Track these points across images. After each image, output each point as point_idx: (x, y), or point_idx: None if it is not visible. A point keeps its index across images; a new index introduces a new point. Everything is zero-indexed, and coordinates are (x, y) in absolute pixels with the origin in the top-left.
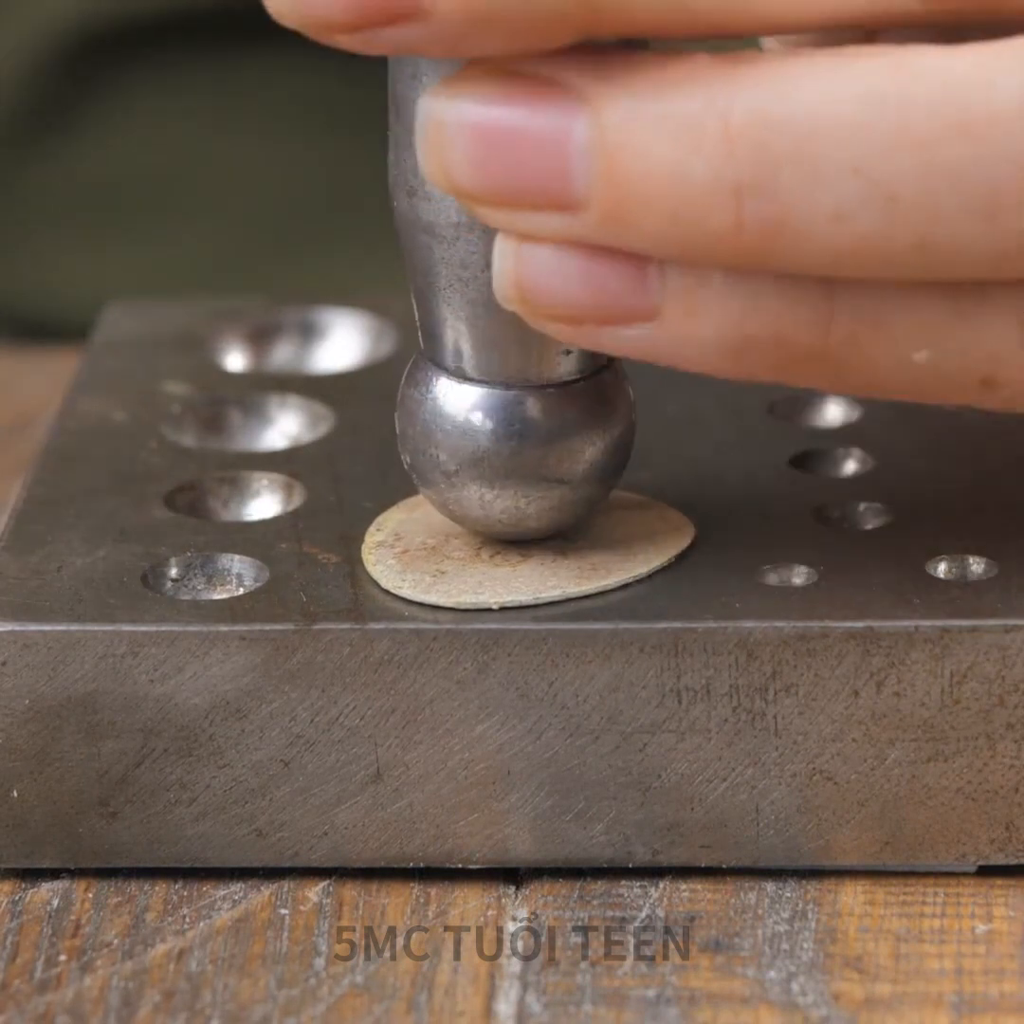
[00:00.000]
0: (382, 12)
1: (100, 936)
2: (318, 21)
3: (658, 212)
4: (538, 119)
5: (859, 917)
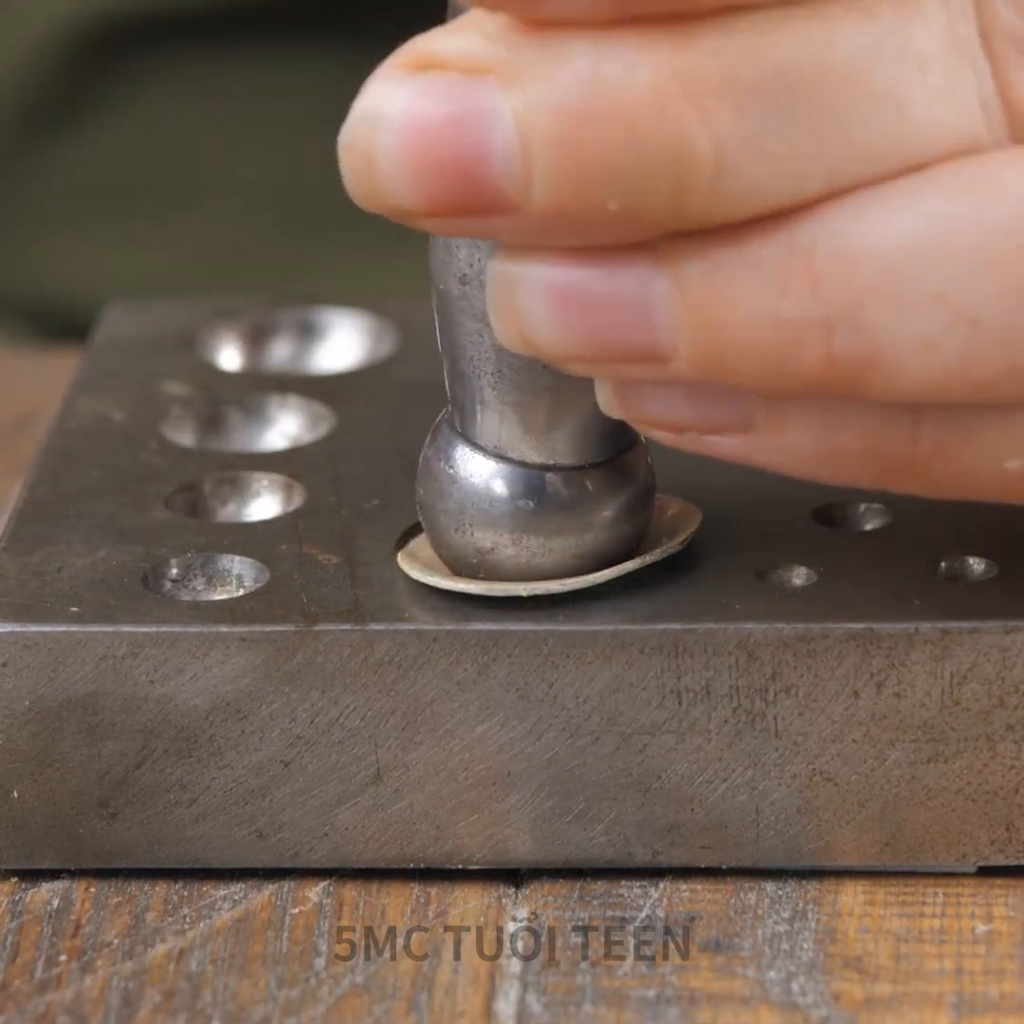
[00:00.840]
0: (463, 205)
1: (100, 936)
2: (392, 209)
3: (749, 356)
4: (617, 278)
5: (859, 917)
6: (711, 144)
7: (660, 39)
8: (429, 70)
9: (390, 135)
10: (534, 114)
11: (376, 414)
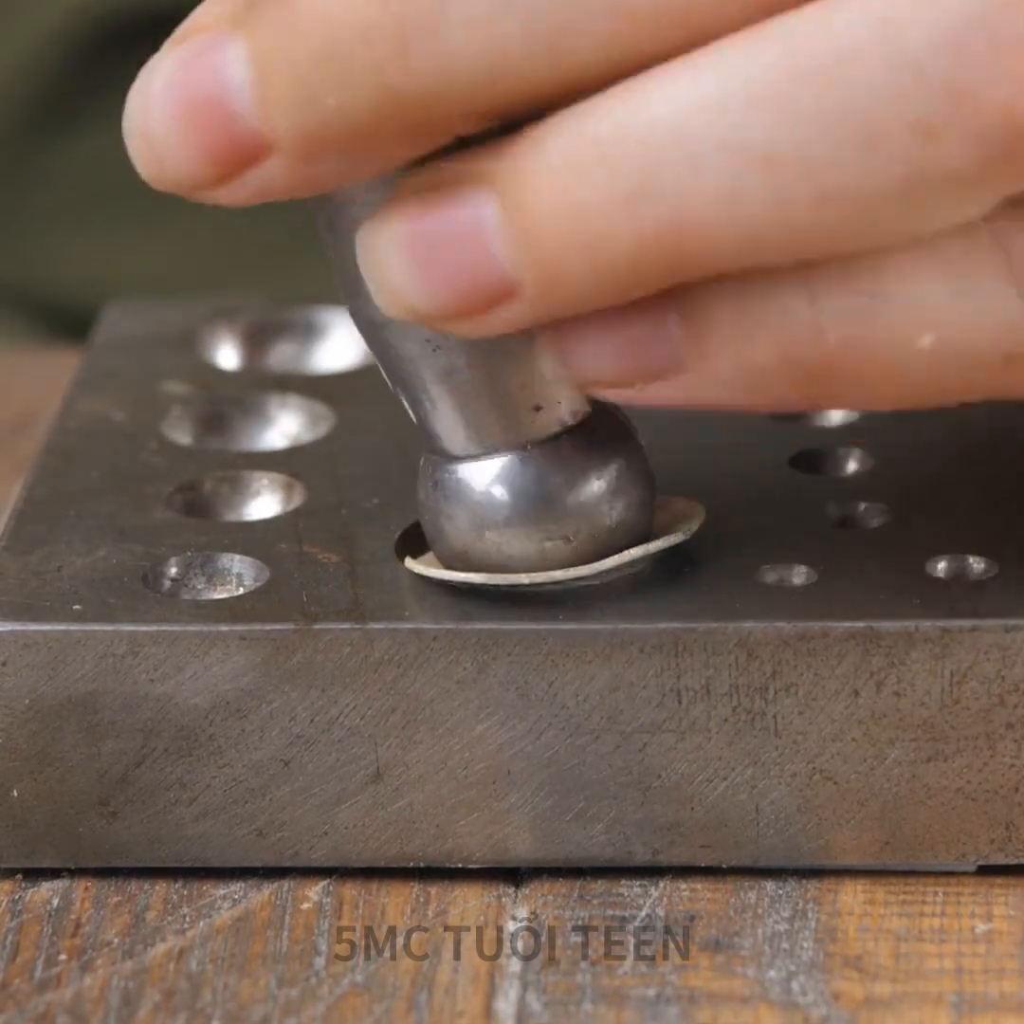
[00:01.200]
0: (228, 154)
1: (100, 935)
2: (181, 182)
3: (572, 259)
4: (450, 215)
5: (859, 916)
6: (389, 16)
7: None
8: (185, 39)
9: (155, 107)
10: (253, 41)
11: (376, 413)
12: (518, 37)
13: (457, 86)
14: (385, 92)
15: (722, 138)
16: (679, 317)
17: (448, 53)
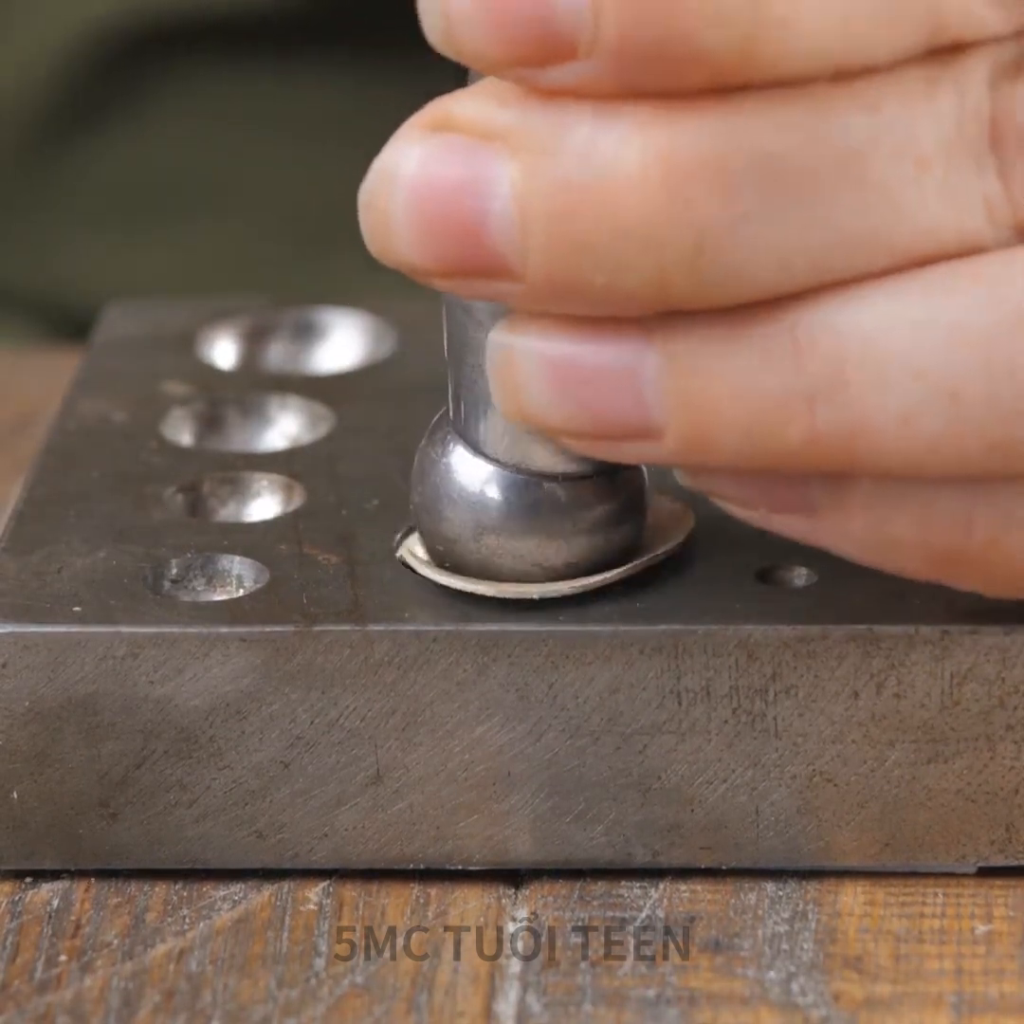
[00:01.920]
0: (466, 268)
1: (100, 936)
2: (404, 266)
3: (734, 432)
4: (608, 353)
5: (859, 917)
6: (691, 229)
7: (655, 116)
8: (444, 131)
9: (402, 194)
10: (531, 184)
11: (376, 414)
12: (797, 264)
13: (731, 301)
14: (658, 291)
15: (916, 368)
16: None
17: (734, 275)
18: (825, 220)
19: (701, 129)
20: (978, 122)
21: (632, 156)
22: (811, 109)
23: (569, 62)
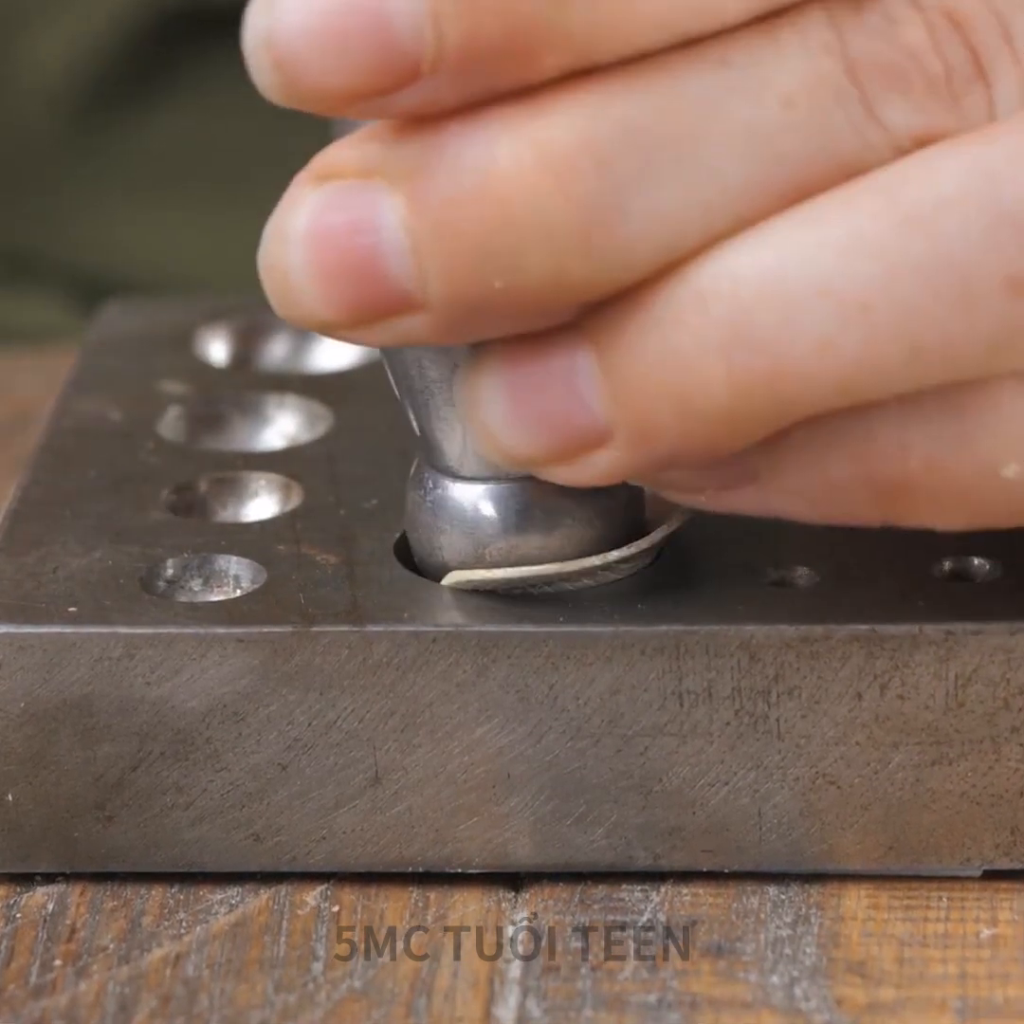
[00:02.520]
0: (371, 309)
1: (96, 941)
2: (314, 323)
3: (667, 403)
4: (548, 363)
5: (862, 921)
6: (575, 210)
7: (517, 113)
8: (328, 180)
9: (295, 249)
10: (415, 208)
11: (375, 413)
12: (688, 223)
13: (631, 275)
14: (558, 281)
15: (820, 287)
16: None
17: (628, 247)
18: (702, 176)
19: (564, 113)
20: (830, 58)
21: (503, 152)
22: (662, 75)
23: (415, 83)
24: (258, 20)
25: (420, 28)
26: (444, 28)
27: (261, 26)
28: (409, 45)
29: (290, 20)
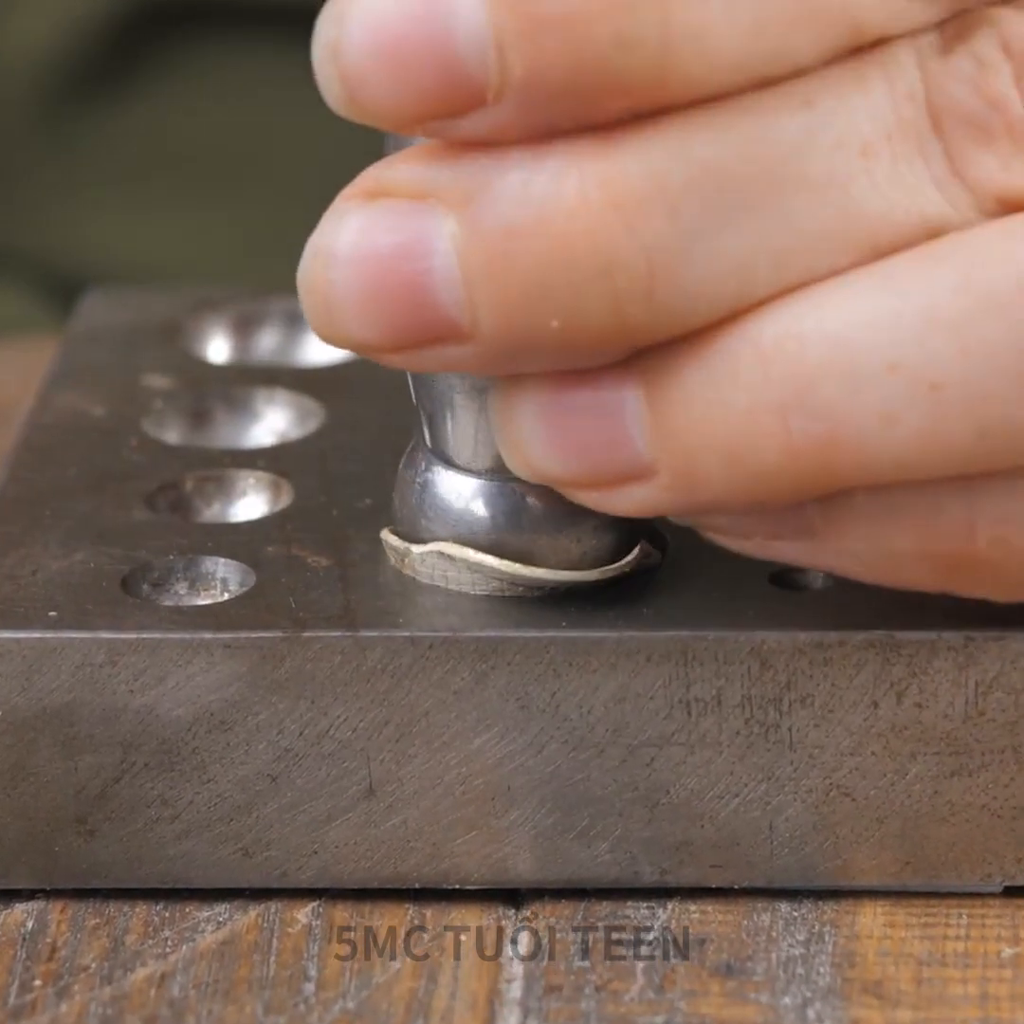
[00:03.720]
0: (416, 336)
1: (77, 960)
2: (353, 344)
3: (714, 459)
4: (594, 397)
5: (879, 940)
6: (641, 252)
7: (587, 148)
8: (378, 199)
9: (341, 269)
10: (470, 235)
11: (368, 408)
12: (757, 273)
13: (692, 322)
14: (616, 324)
15: (890, 361)
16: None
17: (692, 295)
18: (776, 223)
19: (636, 152)
20: (914, 104)
21: (569, 187)
22: (742, 116)
23: (480, 109)
24: (327, 30)
25: (484, 55)
26: (508, 58)
27: (329, 37)
28: (474, 71)
29: (357, 36)
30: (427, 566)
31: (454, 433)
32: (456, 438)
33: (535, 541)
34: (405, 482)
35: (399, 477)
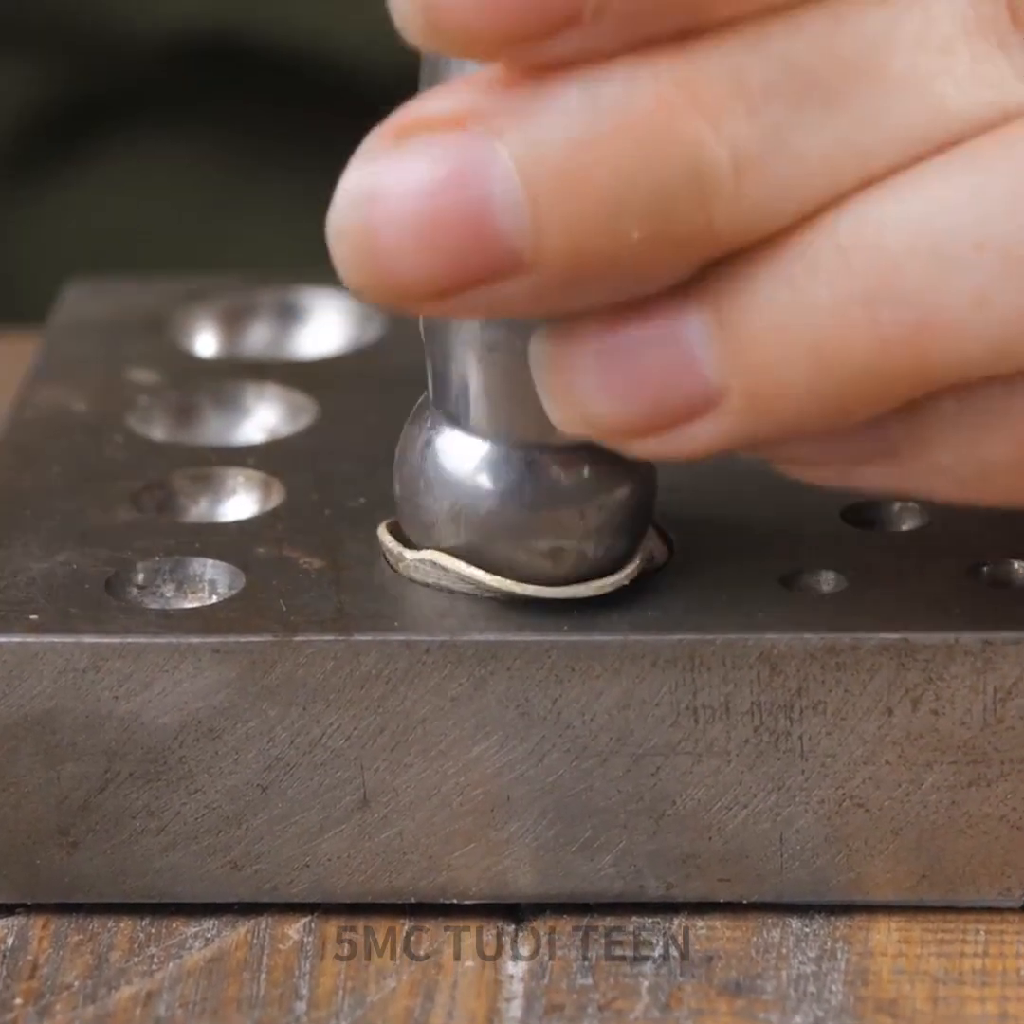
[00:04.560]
0: (471, 273)
1: (59, 978)
2: (399, 290)
3: (798, 365)
4: (655, 328)
5: (893, 957)
6: (728, 149)
7: (660, 53)
8: (416, 133)
9: (385, 207)
10: (535, 154)
11: (362, 404)
12: (843, 169)
13: (778, 223)
14: (705, 229)
15: (977, 238)
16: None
17: (780, 194)
18: (859, 119)
19: (713, 52)
20: (992, 1)
21: (646, 90)
22: (818, 11)
23: (575, 29)
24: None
25: None
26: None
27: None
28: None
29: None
30: (420, 573)
31: (463, 393)
32: (464, 398)
33: (536, 513)
34: (409, 439)
35: (403, 434)
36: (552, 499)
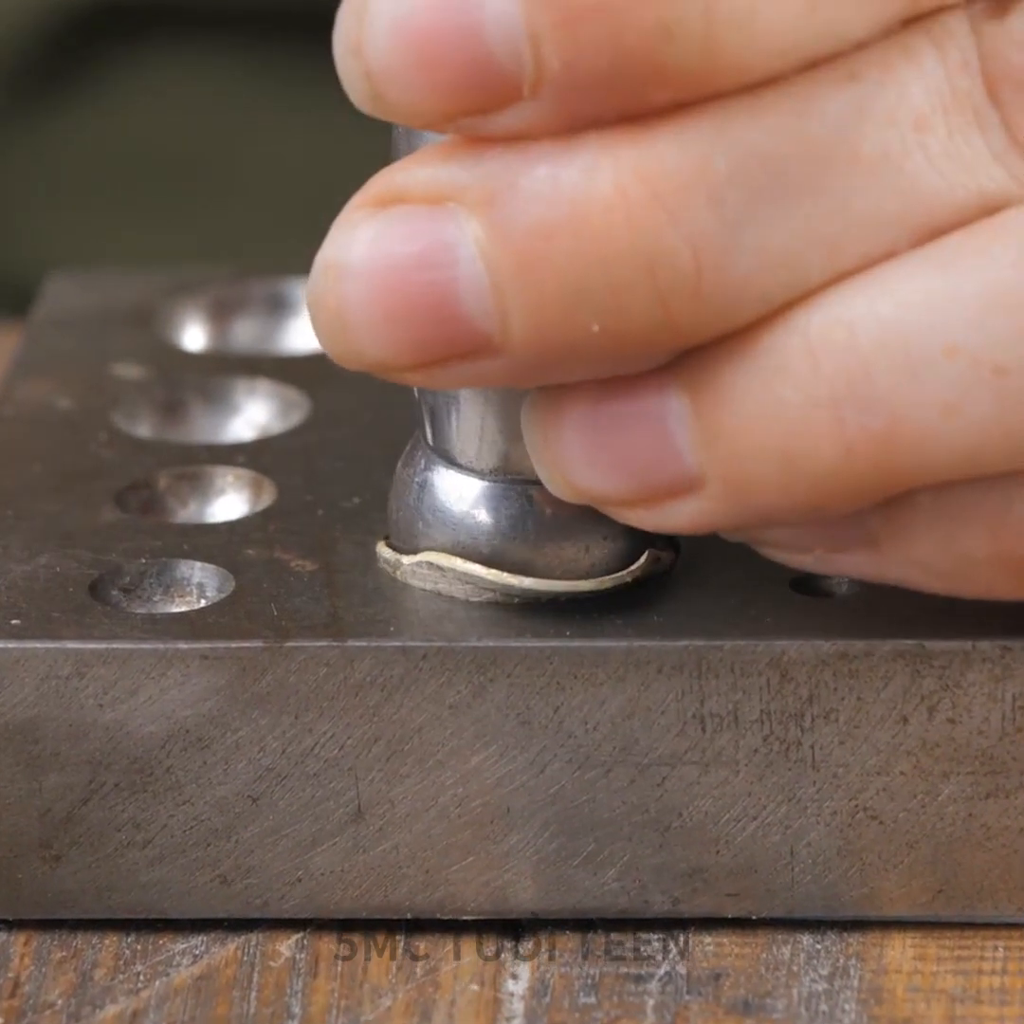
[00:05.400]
0: (440, 352)
1: (42, 996)
2: (371, 364)
3: (769, 460)
4: (629, 406)
5: (908, 975)
6: (688, 244)
7: (621, 136)
8: (392, 205)
9: (355, 283)
10: (498, 238)
11: (355, 400)
12: (809, 261)
13: (742, 318)
14: (662, 324)
15: (948, 344)
16: None
17: (742, 289)
18: (828, 206)
19: (674, 139)
20: (968, 73)
21: (604, 178)
22: (785, 95)
23: (515, 104)
24: (348, 25)
25: (517, 49)
26: (544, 51)
27: (351, 32)
28: (506, 66)
29: (380, 30)
30: (418, 577)
31: (458, 430)
32: (460, 435)
33: (540, 549)
34: (403, 482)
35: (396, 477)
36: (555, 534)
